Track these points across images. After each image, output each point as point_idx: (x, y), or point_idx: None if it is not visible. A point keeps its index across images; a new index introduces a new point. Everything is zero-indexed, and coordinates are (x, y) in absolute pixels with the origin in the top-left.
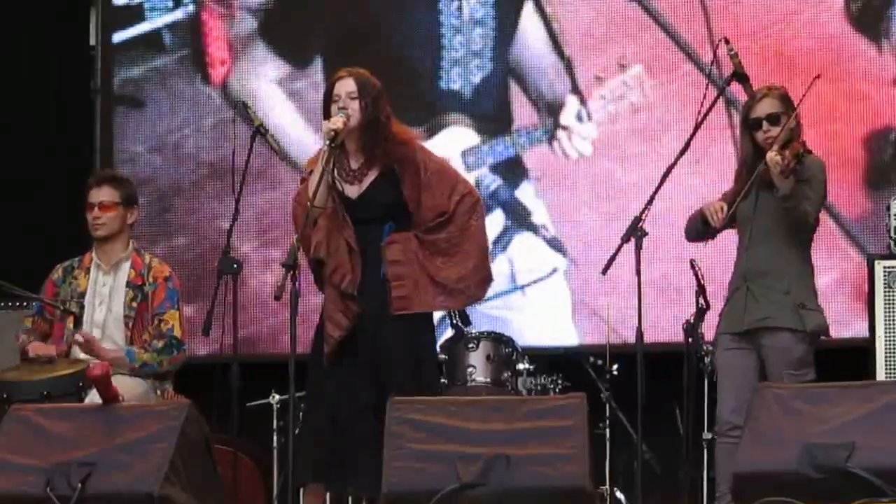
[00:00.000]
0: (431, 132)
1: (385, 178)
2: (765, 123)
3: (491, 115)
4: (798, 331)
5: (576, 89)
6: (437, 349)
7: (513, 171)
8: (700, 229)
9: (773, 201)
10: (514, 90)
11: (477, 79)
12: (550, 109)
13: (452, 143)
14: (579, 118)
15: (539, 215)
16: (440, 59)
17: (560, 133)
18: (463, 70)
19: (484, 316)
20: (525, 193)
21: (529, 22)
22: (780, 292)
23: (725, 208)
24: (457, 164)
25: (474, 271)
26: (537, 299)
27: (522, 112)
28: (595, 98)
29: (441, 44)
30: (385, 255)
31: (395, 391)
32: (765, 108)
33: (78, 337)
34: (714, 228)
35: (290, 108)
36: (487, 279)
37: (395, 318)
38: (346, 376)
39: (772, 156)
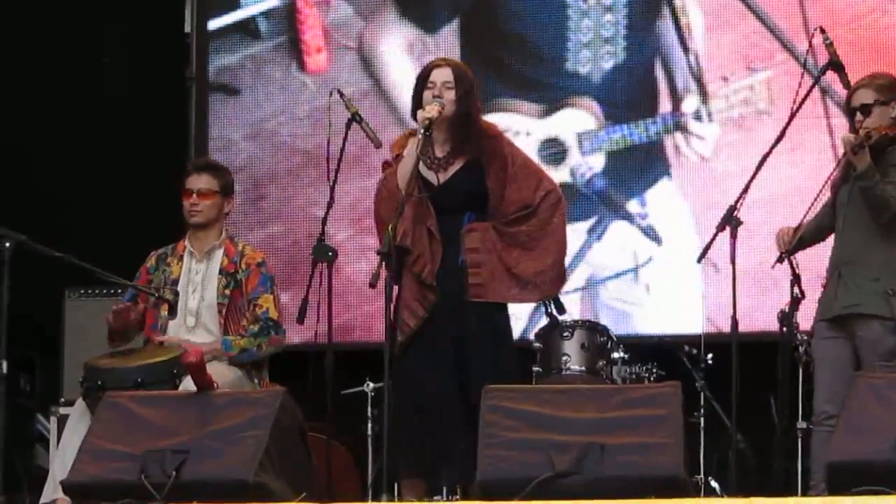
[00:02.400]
0: (549, 112)
1: (469, 168)
2: (858, 114)
3: (616, 102)
4: (887, 318)
5: (701, 87)
6: (526, 336)
7: (623, 159)
8: (778, 257)
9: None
10: (646, 81)
11: (607, 65)
12: (673, 104)
13: (571, 125)
14: (698, 116)
15: (638, 204)
16: (566, 40)
17: (677, 129)
18: (592, 54)
19: (579, 304)
20: (627, 182)
21: (666, 14)
22: (869, 279)
23: (791, 233)
24: (572, 146)
25: (552, 267)
26: (634, 288)
27: (649, 102)
28: (718, 98)
29: (567, 26)
30: (464, 241)
31: (476, 378)
32: (859, 97)
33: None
34: (781, 256)
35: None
36: (562, 277)
37: (473, 304)
38: (425, 365)
39: (845, 135)
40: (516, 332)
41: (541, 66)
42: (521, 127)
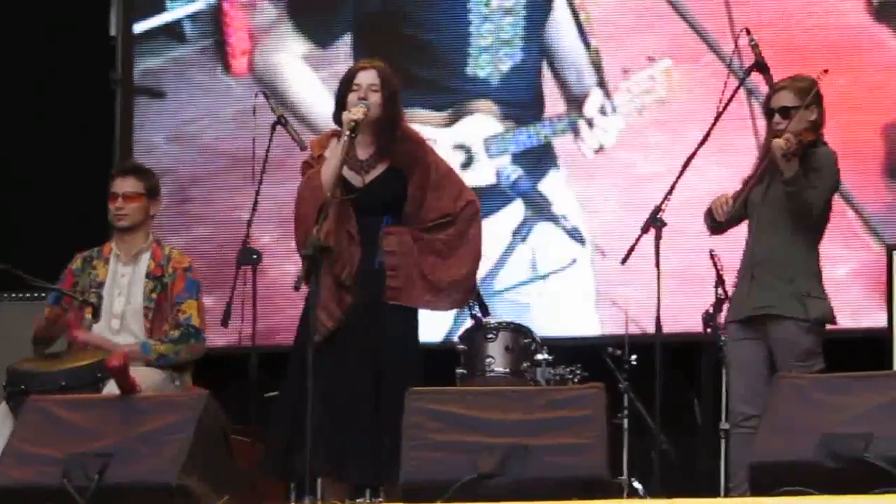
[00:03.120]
0: (456, 118)
1: (391, 172)
2: (777, 115)
3: (517, 104)
4: (801, 320)
5: (602, 82)
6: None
7: (535, 160)
8: (711, 224)
9: (781, 190)
10: (541, 80)
11: (506, 67)
12: (576, 101)
13: (475, 130)
14: (603, 111)
15: (559, 205)
16: (468, 45)
17: (583, 125)
18: (491, 57)
19: (505, 306)
20: (546, 183)
21: (559, 12)
22: (784, 281)
23: (731, 201)
24: (478, 152)
25: (465, 278)
26: (557, 289)
27: (548, 102)
28: (621, 91)
29: (469, 30)
30: (382, 244)
31: (389, 379)
32: (779, 100)
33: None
34: (721, 222)
35: (317, 85)
36: (473, 289)
37: (389, 307)
38: (339, 366)
39: (776, 140)
40: (440, 335)
41: (442, 72)
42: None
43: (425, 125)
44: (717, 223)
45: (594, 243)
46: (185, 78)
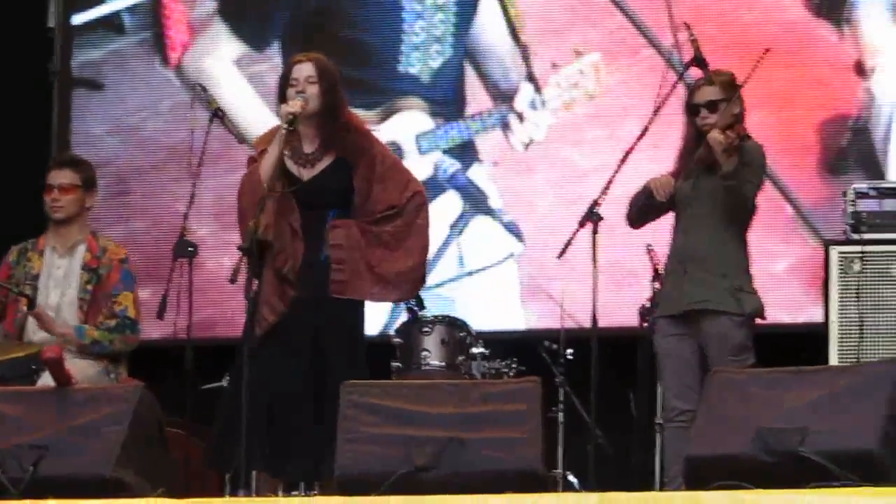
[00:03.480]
0: (387, 115)
1: (337, 165)
2: (703, 110)
3: (447, 100)
4: (736, 315)
5: (531, 76)
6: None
7: (467, 155)
8: (643, 204)
9: (711, 185)
10: (471, 76)
11: (436, 63)
12: (506, 95)
13: (407, 127)
14: (533, 105)
15: (495, 200)
16: (400, 42)
17: (513, 119)
18: (422, 55)
19: (439, 299)
20: (481, 178)
21: (487, 7)
22: (718, 276)
23: (672, 182)
24: (410, 149)
25: (413, 269)
26: (493, 283)
27: (478, 97)
28: (551, 85)
29: (402, 28)
30: (328, 237)
31: (331, 373)
32: (705, 94)
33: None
34: (658, 204)
35: (247, 89)
36: (422, 280)
37: (334, 302)
38: (281, 360)
39: (714, 135)
40: (376, 328)
41: (375, 70)
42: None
43: None
44: (653, 202)
45: (530, 237)
46: (123, 70)
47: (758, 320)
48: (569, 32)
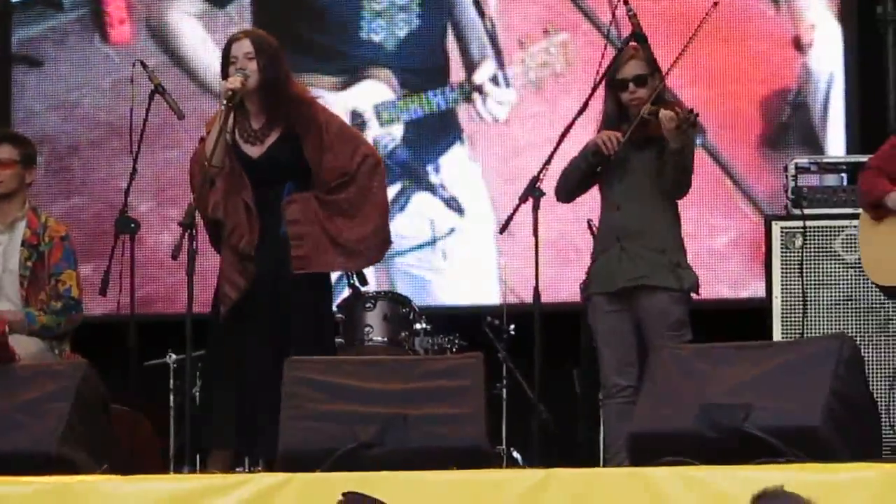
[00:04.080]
0: (347, 84)
1: (286, 138)
2: (631, 85)
3: (412, 71)
4: (674, 290)
5: (497, 52)
6: (334, 310)
7: (424, 129)
8: (584, 170)
9: (644, 160)
10: (442, 48)
11: (402, 33)
12: (470, 71)
13: (367, 97)
14: (496, 81)
15: (438, 175)
16: (361, 9)
17: (475, 95)
18: (386, 23)
19: (382, 275)
20: (426, 153)
21: None
22: (656, 251)
23: (620, 136)
24: (370, 118)
25: (374, 234)
26: (435, 259)
27: (444, 71)
28: (515, 63)
29: None
30: (285, 214)
31: (297, 353)
32: (632, 69)
33: None
34: (608, 157)
35: (210, 47)
36: (387, 242)
37: (296, 278)
38: (246, 338)
39: (664, 112)
40: None
41: (336, 36)
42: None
43: (320, 89)
44: (578, 183)
45: (472, 213)
46: (63, 47)
47: (702, 295)
48: (513, 5)
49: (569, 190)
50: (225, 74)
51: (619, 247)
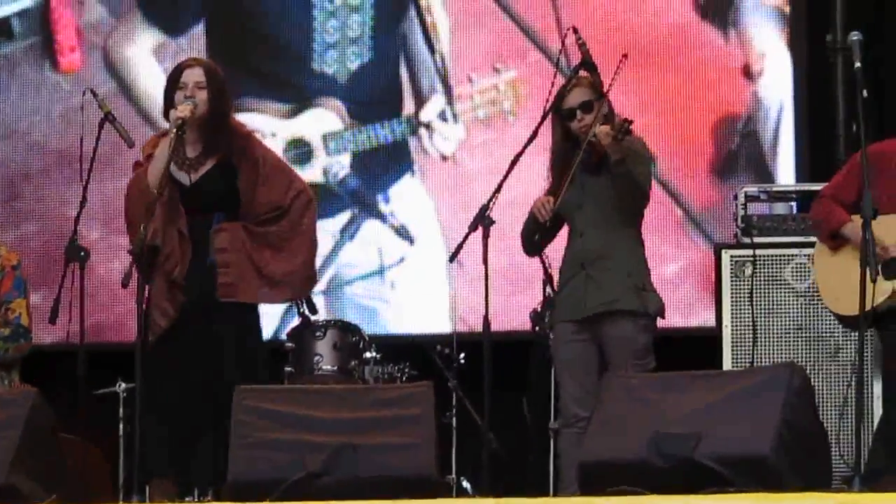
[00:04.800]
0: (297, 112)
1: (221, 168)
2: (578, 112)
3: (363, 103)
4: (640, 314)
5: (445, 86)
6: (278, 336)
7: (372, 159)
8: (532, 229)
9: (599, 185)
10: (392, 80)
11: (354, 65)
12: (417, 105)
13: (315, 125)
14: (443, 117)
15: (388, 204)
16: (312, 41)
17: (423, 130)
18: (339, 55)
19: (332, 303)
20: (378, 182)
21: (411, 13)
22: (622, 274)
23: (552, 200)
24: (318, 147)
25: (302, 268)
26: (385, 287)
27: (393, 104)
28: (464, 99)
29: (313, 26)
30: (213, 241)
31: (226, 378)
32: (577, 97)
33: None
34: (544, 225)
35: (160, 76)
36: (313, 278)
37: (224, 305)
38: (175, 364)
39: (602, 127)
40: (268, 332)
41: (287, 66)
42: (266, 128)
43: (269, 116)
44: (539, 227)
45: (422, 241)
46: (13, 75)
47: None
48: (463, 36)
49: (532, 246)
50: (170, 99)
51: (584, 274)
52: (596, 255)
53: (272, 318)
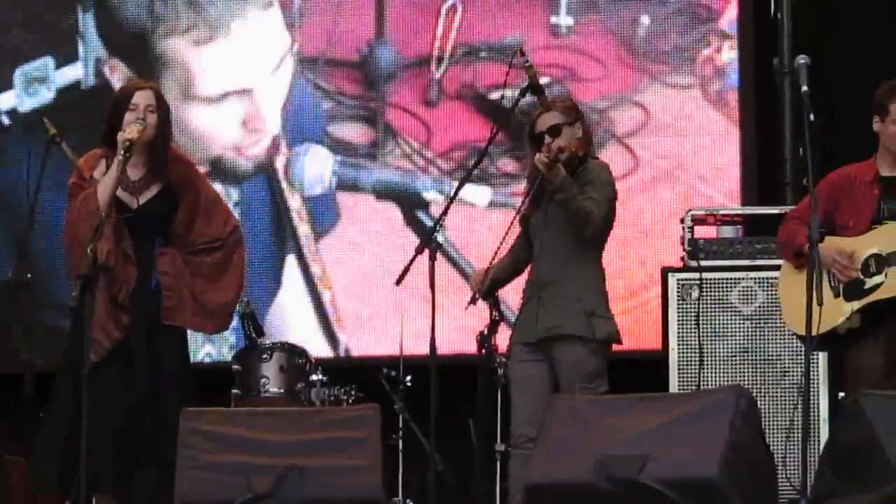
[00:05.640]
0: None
1: (164, 193)
2: (546, 136)
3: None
4: (589, 340)
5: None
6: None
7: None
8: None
9: (559, 210)
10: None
11: None
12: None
13: None
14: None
15: (337, 224)
16: None
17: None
18: None
19: (278, 325)
20: (325, 199)
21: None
22: (571, 299)
23: (483, 274)
24: None
25: (231, 303)
26: (332, 309)
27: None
28: None
29: None
30: (157, 265)
31: (170, 400)
32: (546, 121)
33: None
34: (476, 298)
35: None
36: (233, 315)
37: (166, 328)
38: (118, 385)
39: (538, 156)
40: (214, 354)
41: None
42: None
43: None
44: (472, 297)
45: (368, 263)
46: None
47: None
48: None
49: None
50: (116, 118)
51: (537, 297)
52: (548, 280)
53: (219, 339)
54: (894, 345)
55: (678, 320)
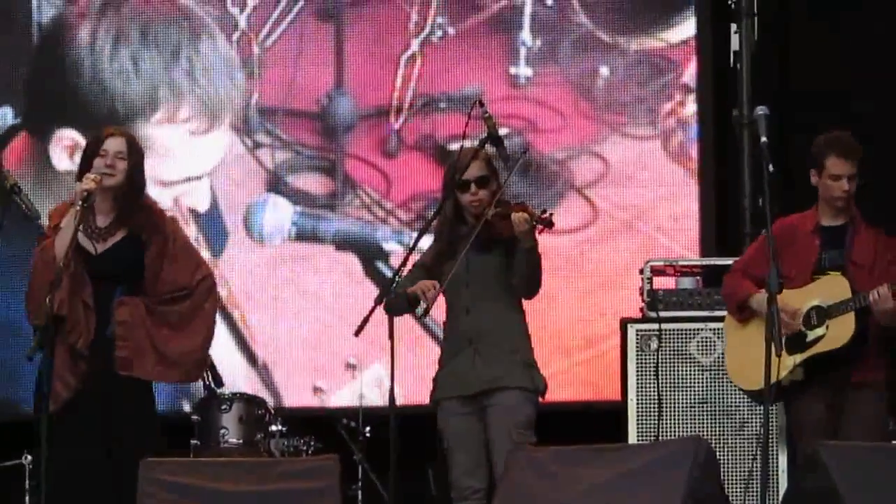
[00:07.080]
0: None
1: (130, 241)
2: (473, 186)
3: None
4: (528, 390)
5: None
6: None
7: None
8: (406, 307)
9: (488, 263)
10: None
11: None
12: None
13: None
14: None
15: (296, 275)
16: None
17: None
18: None
19: (239, 376)
20: (286, 251)
21: None
22: (509, 352)
23: (437, 286)
24: None
25: (196, 351)
26: (289, 360)
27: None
28: None
29: None
30: (114, 314)
31: (124, 450)
32: (474, 171)
33: None
34: (426, 309)
35: None
36: (205, 362)
37: (124, 377)
38: (75, 435)
39: (518, 215)
40: (173, 404)
41: None
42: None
43: None
44: (414, 309)
45: (327, 314)
46: None
47: (559, 397)
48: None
49: (395, 314)
50: (89, 163)
51: (472, 349)
52: (484, 332)
53: (177, 390)
54: (837, 396)
55: (637, 371)
